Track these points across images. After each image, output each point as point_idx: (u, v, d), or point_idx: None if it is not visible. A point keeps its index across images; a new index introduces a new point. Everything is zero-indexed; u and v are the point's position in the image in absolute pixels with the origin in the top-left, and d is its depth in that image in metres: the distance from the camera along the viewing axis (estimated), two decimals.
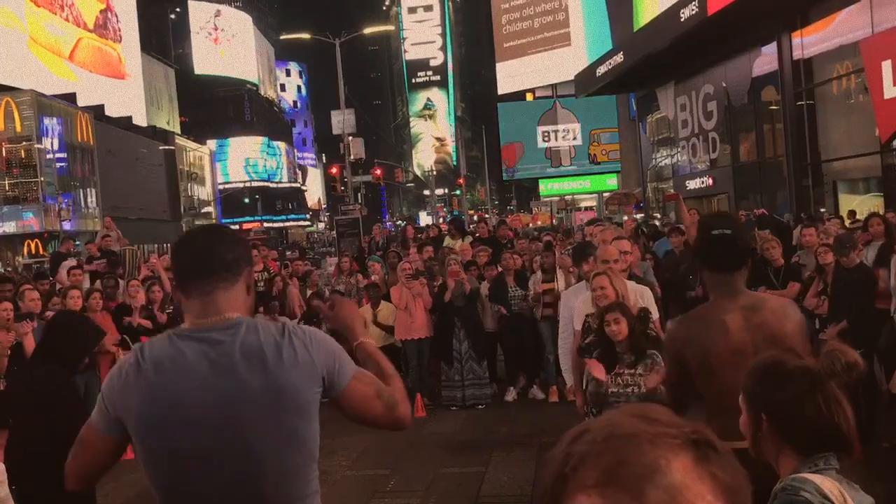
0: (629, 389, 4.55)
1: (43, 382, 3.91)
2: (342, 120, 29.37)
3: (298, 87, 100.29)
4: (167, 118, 60.09)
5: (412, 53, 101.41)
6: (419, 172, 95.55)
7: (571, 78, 29.06)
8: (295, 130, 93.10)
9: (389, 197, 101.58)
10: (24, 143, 36.28)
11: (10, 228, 35.89)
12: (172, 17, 68.62)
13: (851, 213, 13.69)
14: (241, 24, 78.52)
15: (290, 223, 76.13)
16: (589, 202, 41.66)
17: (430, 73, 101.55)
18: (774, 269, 7.76)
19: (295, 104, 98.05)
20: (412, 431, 3.98)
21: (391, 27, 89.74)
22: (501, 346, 9.77)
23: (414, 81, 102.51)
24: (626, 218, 26.53)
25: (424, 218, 71.34)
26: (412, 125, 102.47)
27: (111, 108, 45.56)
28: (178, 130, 61.04)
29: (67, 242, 14.18)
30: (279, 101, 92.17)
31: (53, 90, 39.08)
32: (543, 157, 36.21)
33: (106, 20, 48.87)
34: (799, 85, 17.17)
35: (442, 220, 53.09)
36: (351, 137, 29.97)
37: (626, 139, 33.17)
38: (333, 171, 43.36)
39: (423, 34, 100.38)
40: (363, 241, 16.83)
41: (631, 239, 10.21)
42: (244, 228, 62.68)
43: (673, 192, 18.62)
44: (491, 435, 7.59)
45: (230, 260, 2.00)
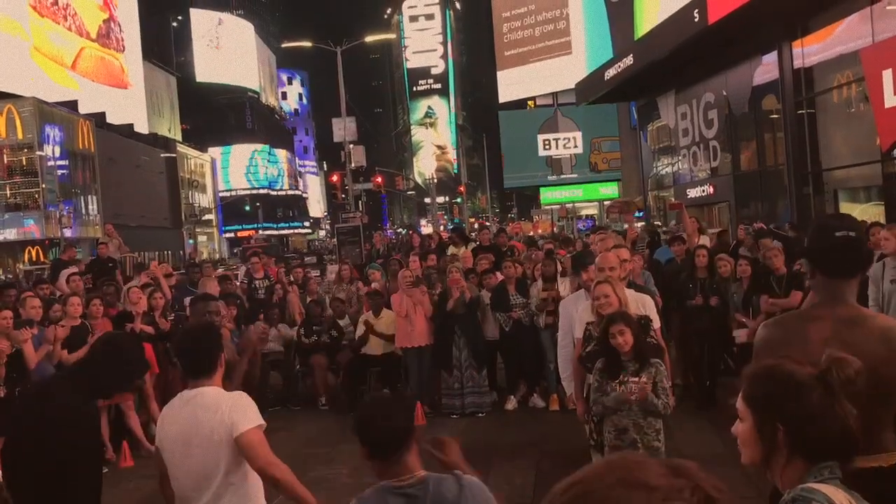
0: (633, 398, 4.56)
1: (64, 416, 3.33)
2: (343, 128, 29.42)
3: (300, 94, 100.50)
4: (168, 126, 60.20)
5: (413, 62, 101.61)
6: (420, 180, 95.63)
7: (572, 86, 29.09)
8: (296, 138, 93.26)
9: (390, 205, 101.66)
10: (25, 150, 36.35)
11: (11, 235, 35.91)
12: (174, 24, 68.83)
13: None
14: (242, 32, 78.74)
15: (290, 230, 76.16)
16: (590, 210, 41.68)
17: (431, 81, 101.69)
18: (777, 277, 7.76)
19: (296, 112, 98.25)
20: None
21: (392, 35, 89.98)
22: (502, 354, 9.75)
23: (415, 90, 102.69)
24: (626, 226, 26.56)
25: (425, 226, 71.37)
26: (413, 133, 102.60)
27: (112, 115, 45.64)
28: (179, 138, 61.16)
29: (70, 250, 14.16)
30: (280, 108, 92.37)
31: (55, 98, 39.17)
32: (544, 165, 36.25)
33: (109, 30, 49.06)
34: (800, 94, 17.17)
35: (443, 227, 53.11)
36: (352, 145, 30.00)
37: (626, 147, 33.18)
38: (334, 178, 43.40)
39: (424, 42, 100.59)
40: (364, 248, 16.83)
41: (635, 246, 10.23)
42: (242, 236, 62.81)
43: (676, 200, 18.59)
44: (491, 443, 7.57)
45: (407, 428, 2.60)
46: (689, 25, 16.59)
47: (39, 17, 41.13)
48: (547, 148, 35.95)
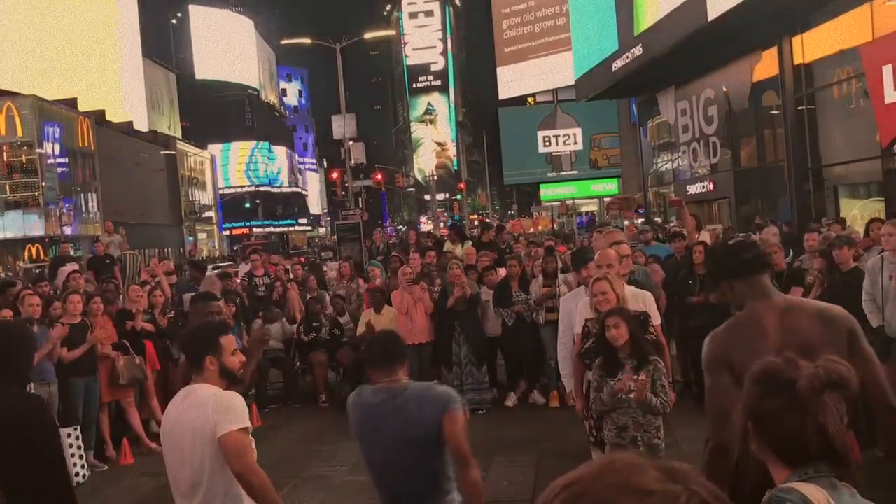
0: (631, 395, 4.55)
1: (17, 411, 3.20)
2: (343, 125, 29.39)
3: (299, 91, 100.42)
4: (168, 123, 60.20)
5: (413, 58, 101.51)
6: (420, 177, 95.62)
7: (572, 83, 29.06)
8: (296, 135, 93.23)
9: (390, 202, 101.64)
10: (25, 148, 36.32)
11: (11, 233, 35.90)
12: (174, 22, 68.78)
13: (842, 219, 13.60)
14: (242, 29, 78.66)
15: (291, 228, 76.14)
16: (590, 206, 41.67)
17: (430, 77, 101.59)
18: (777, 273, 7.76)
19: (296, 109, 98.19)
20: None
21: (392, 32, 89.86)
22: (502, 350, 9.74)
23: (415, 86, 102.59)
24: (626, 223, 26.57)
25: (425, 223, 71.35)
26: (413, 130, 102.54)
27: (112, 113, 45.62)
28: (179, 135, 61.12)
29: (64, 245, 14.18)
30: (280, 105, 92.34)
31: (55, 95, 39.13)
32: (544, 161, 36.24)
33: None
34: (800, 90, 17.17)
35: (442, 224, 53.11)
36: (352, 142, 29.96)
37: (627, 144, 33.17)
38: (334, 175, 43.36)
39: (423, 39, 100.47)
40: (364, 245, 16.81)
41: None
42: (237, 234, 62.79)
43: (676, 197, 18.56)
44: (491, 440, 7.57)
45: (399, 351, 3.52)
46: (700, 17, 16.47)
47: None
48: (547, 144, 35.95)
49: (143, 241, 34.39)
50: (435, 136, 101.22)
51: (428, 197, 70.08)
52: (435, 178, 72.89)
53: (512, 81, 40.49)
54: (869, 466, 6.07)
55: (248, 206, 72.89)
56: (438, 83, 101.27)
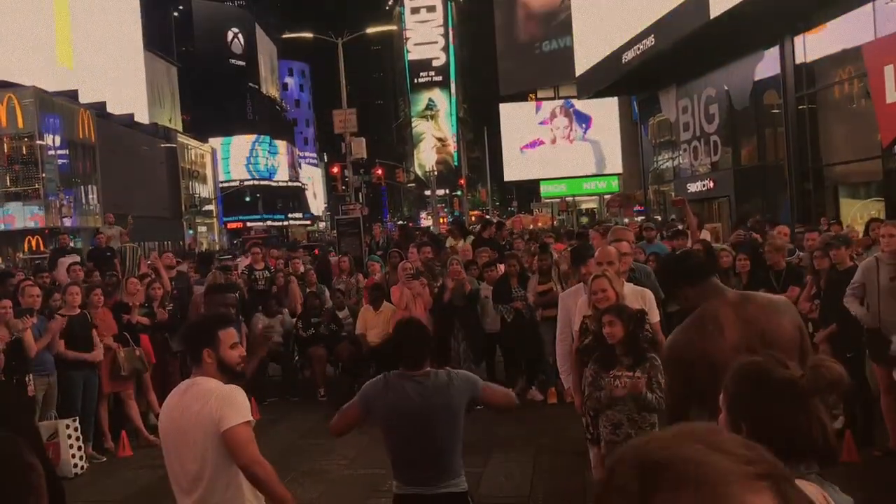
0: (624, 392, 4.57)
1: None
2: (344, 119, 29.33)
3: (300, 86, 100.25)
4: (169, 116, 60.15)
5: (415, 54, 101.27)
6: (420, 173, 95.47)
7: (574, 79, 29.00)
8: (297, 129, 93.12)
9: (390, 197, 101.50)
10: (25, 139, 36.30)
11: (11, 224, 35.90)
12: (176, 14, 68.69)
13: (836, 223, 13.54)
14: (244, 23, 78.55)
15: (290, 222, 76.11)
16: (590, 204, 41.63)
17: (432, 73, 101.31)
18: (776, 272, 7.78)
19: (297, 103, 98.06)
20: None
21: (394, 27, 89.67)
22: (501, 347, 9.76)
23: (416, 81, 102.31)
24: (626, 220, 26.55)
25: (425, 219, 71.32)
26: (414, 125, 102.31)
27: (113, 105, 45.56)
28: (180, 128, 61.07)
29: (63, 237, 14.16)
30: (281, 99, 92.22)
31: (56, 86, 39.07)
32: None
33: None
34: (801, 89, 17.15)
35: (442, 220, 53.08)
36: (352, 137, 29.90)
37: (627, 141, 33.13)
38: (335, 170, 43.33)
39: (425, 34, 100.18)
40: (364, 241, 16.80)
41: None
42: (233, 228, 62.70)
43: (678, 197, 18.54)
44: (489, 436, 7.59)
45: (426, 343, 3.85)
46: (702, 15, 16.36)
47: None
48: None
49: (142, 233, 34.34)
50: (436, 131, 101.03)
51: (428, 193, 69.95)
52: (435, 173, 72.69)
53: (513, 78, 40.38)
54: (866, 466, 6.09)
55: (248, 199, 72.85)
56: (440, 79, 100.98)
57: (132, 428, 8.32)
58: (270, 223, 71.41)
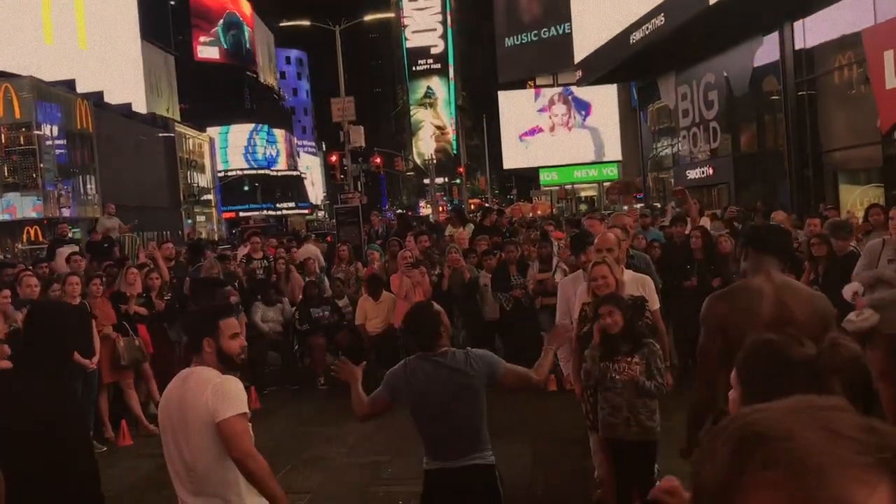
0: (620, 377, 4.58)
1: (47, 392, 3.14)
2: (342, 108, 29.26)
3: (298, 74, 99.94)
4: (167, 105, 59.93)
5: (413, 41, 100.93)
6: (419, 161, 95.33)
7: (573, 66, 28.89)
8: (295, 118, 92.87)
9: (389, 185, 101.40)
10: (23, 129, 36.19)
11: (9, 215, 35.84)
12: (172, 3, 68.37)
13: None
14: (241, 11, 78.19)
15: (289, 211, 76.01)
16: (589, 191, 41.59)
17: (430, 61, 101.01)
18: None
19: (295, 92, 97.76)
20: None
21: (391, 15, 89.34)
22: (500, 335, 9.75)
23: (414, 69, 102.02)
24: (625, 207, 26.51)
25: (424, 207, 71.24)
26: (413, 113, 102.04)
27: (111, 95, 45.39)
28: (177, 118, 60.87)
29: (61, 226, 14.13)
30: (279, 88, 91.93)
31: (52, 76, 38.91)
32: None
33: None
34: (800, 75, 17.10)
35: (442, 209, 53.01)
36: (351, 125, 29.83)
37: (626, 128, 33.07)
38: (333, 159, 43.27)
39: (423, 22, 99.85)
40: (363, 229, 16.78)
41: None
42: (228, 217, 62.65)
43: (679, 187, 18.53)
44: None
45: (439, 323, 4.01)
46: (701, 1, 16.22)
47: None
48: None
49: (141, 223, 34.29)
50: (434, 119, 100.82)
51: (427, 181, 69.86)
52: (434, 161, 72.56)
53: (512, 64, 40.24)
54: None
55: (246, 188, 72.74)
56: (438, 66, 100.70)
57: (132, 417, 8.33)
58: (269, 212, 71.29)
